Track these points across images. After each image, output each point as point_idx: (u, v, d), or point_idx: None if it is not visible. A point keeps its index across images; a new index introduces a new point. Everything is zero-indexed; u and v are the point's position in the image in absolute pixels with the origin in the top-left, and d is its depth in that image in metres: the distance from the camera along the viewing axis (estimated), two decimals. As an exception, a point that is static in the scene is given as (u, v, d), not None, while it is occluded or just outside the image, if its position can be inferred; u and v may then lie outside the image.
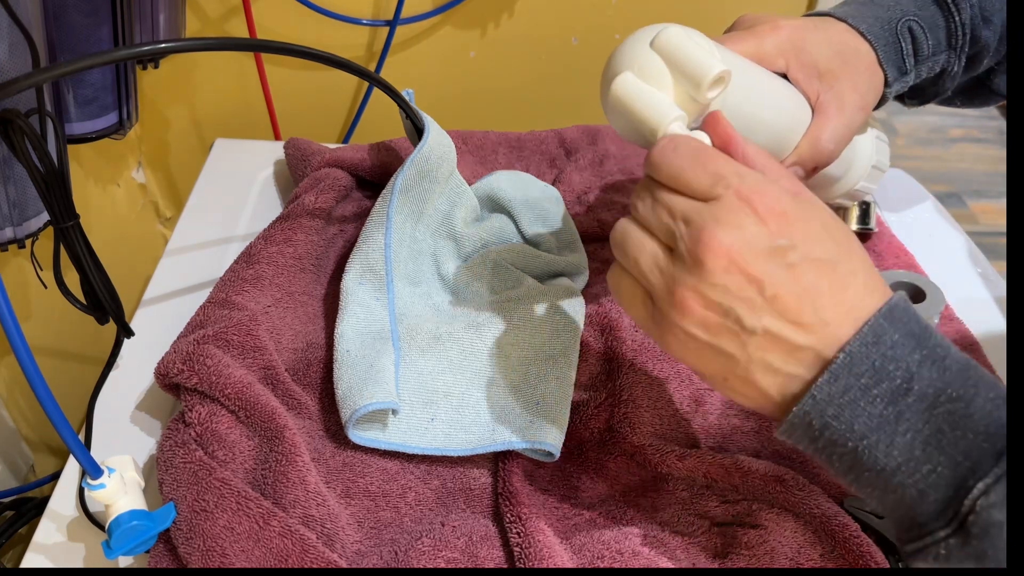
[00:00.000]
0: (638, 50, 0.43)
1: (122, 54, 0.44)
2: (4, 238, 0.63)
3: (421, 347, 0.56)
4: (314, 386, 0.56)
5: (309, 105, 0.97)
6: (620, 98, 0.42)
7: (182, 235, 0.71)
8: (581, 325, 0.60)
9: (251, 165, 0.79)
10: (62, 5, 0.66)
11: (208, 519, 0.45)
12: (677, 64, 0.42)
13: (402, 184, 0.59)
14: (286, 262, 0.61)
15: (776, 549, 0.47)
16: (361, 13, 0.90)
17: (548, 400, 0.53)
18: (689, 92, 0.42)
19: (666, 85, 0.42)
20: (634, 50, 0.43)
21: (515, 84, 1.00)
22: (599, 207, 0.73)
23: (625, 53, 0.43)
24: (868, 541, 0.47)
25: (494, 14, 0.94)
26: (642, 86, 0.42)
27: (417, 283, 0.61)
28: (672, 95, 0.42)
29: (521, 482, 0.50)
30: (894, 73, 0.54)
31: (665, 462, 0.51)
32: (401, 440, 0.52)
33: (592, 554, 0.47)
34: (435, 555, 0.46)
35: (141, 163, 0.97)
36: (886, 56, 0.54)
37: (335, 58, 0.53)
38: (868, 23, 0.54)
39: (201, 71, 0.93)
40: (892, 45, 0.54)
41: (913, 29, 0.55)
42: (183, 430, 0.49)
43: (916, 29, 0.55)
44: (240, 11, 0.87)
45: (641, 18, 0.95)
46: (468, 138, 0.78)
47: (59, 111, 0.72)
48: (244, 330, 0.54)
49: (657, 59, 0.42)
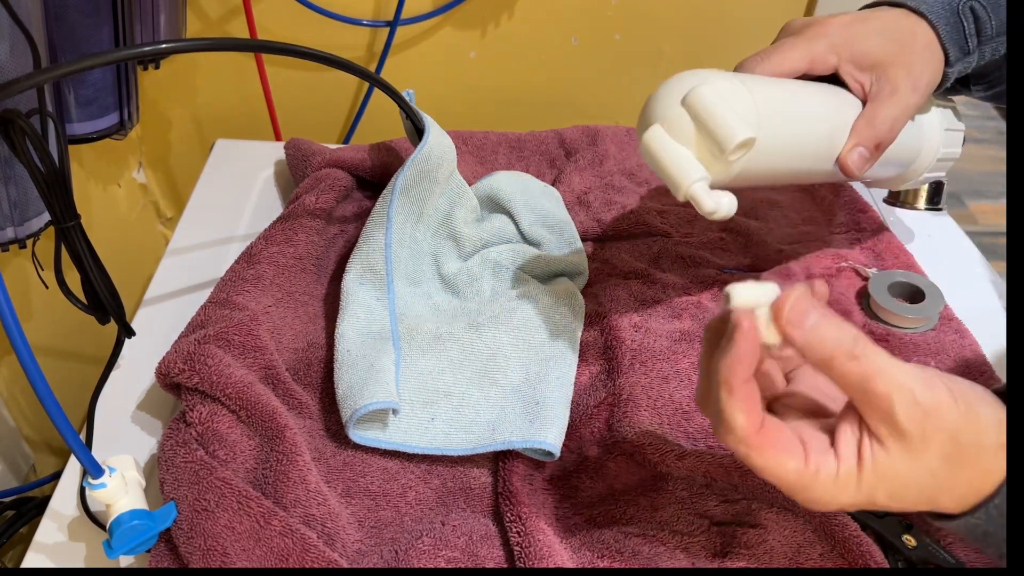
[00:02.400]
0: (668, 105, 0.44)
1: (123, 54, 0.44)
2: (5, 238, 0.63)
3: (421, 347, 0.56)
4: (315, 386, 0.56)
5: (309, 105, 0.97)
6: (648, 150, 0.44)
7: (183, 235, 0.71)
8: (581, 325, 0.60)
9: (252, 165, 0.79)
10: (63, 6, 0.66)
11: (209, 518, 0.45)
12: (704, 125, 0.43)
13: (402, 184, 0.59)
14: (287, 262, 0.61)
15: (776, 549, 0.47)
16: (361, 14, 0.90)
17: (548, 400, 0.53)
18: (713, 153, 0.43)
19: (692, 143, 0.43)
20: (665, 104, 0.44)
21: (515, 84, 1.00)
22: (599, 207, 0.73)
23: (657, 105, 0.44)
24: (868, 541, 0.47)
25: (494, 14, 0.94)
26: (669, 142, 0.43)
27: (417, 283, 0.62)
28: (697, 152, 0.43)
29: (521, 482, 0.51)
30: (956, 53, 0.54)
31: (664, 461, 0.52)
32: (401, 440, 0.52)
33: (592, 554, 0.47)
34: (435, 554, 0.46)
35: (142, 163, 0.97)
36: (947, 35, 0.53)
37: (335, 58, 0.53)
38: (928, 4, 0.53)
39: (202, 72, 0.93)
40: (954, 25, 0.53)
41: (975, 9, 0.54)
42: (184, 430, 0.49)
43: (978, 9, 0.54)
44: (241, 12, 0.87)
45: (641, 18, 0.96)
46: (468, 138, 0.79)
47: (60, 111, 0.72)
48: (245, 330, 0.54)
49: (686, 117, 0.43)
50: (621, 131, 0.83)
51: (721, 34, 0.99)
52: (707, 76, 0.44)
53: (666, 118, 0.44)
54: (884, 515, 0.49)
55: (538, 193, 0.69)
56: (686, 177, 0.42)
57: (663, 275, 0.66)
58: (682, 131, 0.43)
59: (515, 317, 0.58)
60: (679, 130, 0.43)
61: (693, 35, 0.98)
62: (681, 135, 0.43)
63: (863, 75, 0.52)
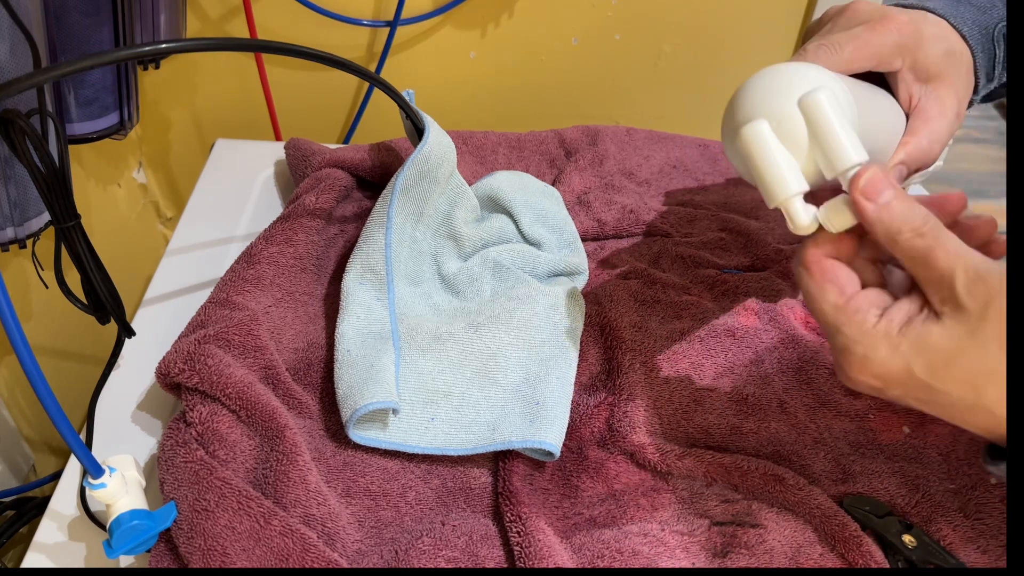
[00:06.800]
0: (783, 103, 0.39)
1: (123, 54, 0.44)
2: (5, 238, 0.63)
3: (421, 347, 0.56)
4: (315, 386, 0.56)
5: (310, 105, 0.97)
6: (748, 147, 0.39)
7: (183, 235, 0.71)
8: (581, 325, 0.60)
9: (252, 165, 0.79)
10: (63, 6, 0.66)
11: (209, 518, 0.45)
12: (819, 137, 0.38)
13: (402, 184, 0.59)
14: (287, 262, 0.61)
15: (776, 549, 0.47)
16: (361, 14, 0.90)
17: (548, 400, 0.53)
18: (820, 165, 0.39)
19: (800, 150, 0.39)
20: (778, 101, 0.39)
21: (515, 84, 1.00)
22: (599, 207, 0.73)
23: (766, 99, 0.40)
24: (868, 541, 0.47)
25: (494, 14, 0.94)
26: (774, 143, 0.39)
27: (417, 283, 0.62)
28: (803, 162, 0.39)
29: (521, 482, 0.51)
30: (983, 80, 0.51)
31: (665, 462, 0.52)
32: (401, 440, 0.52)
33: (592, 554, 0.47)
34: (435, 554, 0.46)
35: (142, 163, 0.97)
36: (980, 62, 0.51)
37: (335, 58, 0.53)
38: (968, 26, 0.50)
39: (202, 71, 0.93)
40: (987, 52, 0.51)
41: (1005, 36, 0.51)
42: (184, 429, 0.49)
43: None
44: (240, 11, 0.87)
45: (641, 18, 0.96)
46: (468, 138, 0.79)
47: (60, 111, 0.72)
48: (245, 330, 0.54)
49: (800, 120, 0.39)
50: (621, 131, 0.83)
51: (721, 34, 0.99)
52: (819, 76, 0.40)
53: (777, 117, 0.39)
54: (884, 515, 0.49)
55: (538, 193, 0.69)
56: (787, 188, 0.39)
57: (663, 275, 0.66)
58: (794, 135, 0.39)
59: (515, 317, 0.58)
60: (789, 133, 0.39)
61: (693, 35, 0.99)
62: (790, 139, 0.39)
63: (916, 86, 0.49)
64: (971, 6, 0.51)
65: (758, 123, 0.39)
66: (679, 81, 1.02)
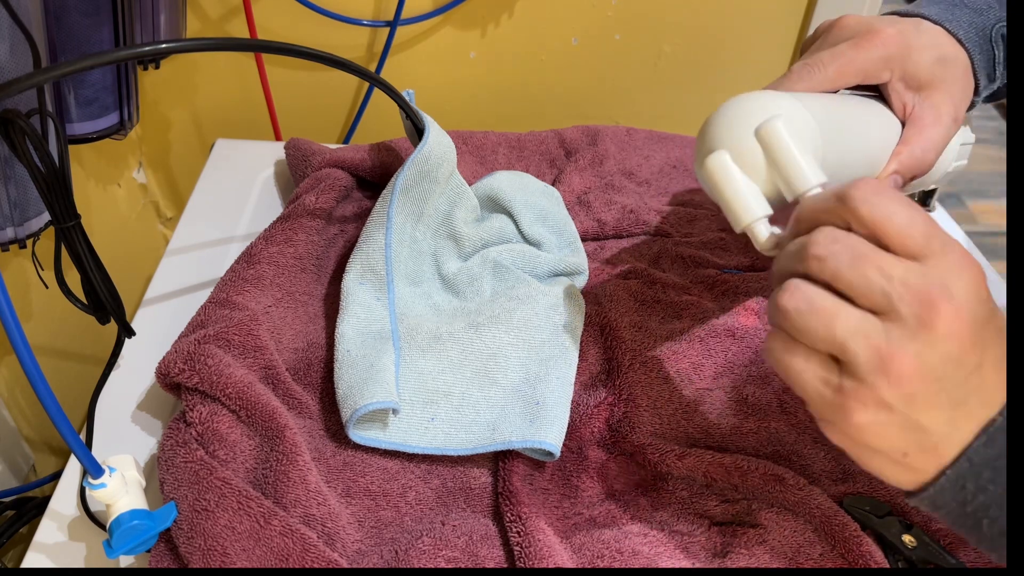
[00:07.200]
0: (739, 134, 0.41)
1: (123, 54, 0.44)
2: (5, 238, 0.63)
3: (421, 347, 0.56)
4: (315, 386, 0.56)
5: (309, 105, 0.97)
6: (711, 176, 0.42)
7: (183, 235, 0.71)
8: (581, 325, 0.60)
9: (252, 165, 0.79)
10: (63, 5, 0.66)
11: (209, 518, 0.45)
12: (778, 163, 0.40)
13: (402, 184, 0.59)
14: (287, 262, 0.61)
15: (776, 549, 0.47)
16: (361, 14, 0.90)
17: (548, 400, 0.53)
18: (780, 187, 0.41)
19: (759, 176, 0.41)
20: (735, 132, 0.41)
21: (515, 84, 1.00)
22: (599, 207, 0.73)
23: (725, 131, 0.42)
24: (868, 541, 0.47)
25: (494, 14, 0.94)
26: (735, 172, 0.41)
27: (417, 283, 0.62)
28: (763, 186, 0.41)
29: (521, 482, 0.51)
30: (984, 81, 0.52)
31: (664, 461, 0.52)
32: (401, 439, 0.52)
33: (592, 554, 0.47)
34: (435, 554, 0.46)
35: (142, 163, 0.97)
36: (979, 64, 0.51)
37: (335, 58, 0.53)
38: (964, 29, 0.51)
39: (202, 71, 0.93)
40: (985, 53, 0.51)
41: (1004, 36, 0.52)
42: (184, 429, 0.49)
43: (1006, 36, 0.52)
44: (240, 11, 0.87)
45: (641, 18, 0.96)
46: (468, 138, 0.79)
47: (60, 111, 0.72)
48: (245, 330, 0.54)
49: (757, 149, 0.41)
50: (621, 131, 0.83)
51: (721, 34, 0.99)
52: (777, 103, 0.42)
53: (735, 147, 0.41)
54: (884, 515, 0.49)
55: (538, 193, 0.69)
56: (750, 214, 0.41)
57: (663, 275, 0.66)
58: (752, 163, 0.41)
59: (515, 317, 0.58)
60: (748, 162, 0.41)
61: (693, 35, 0.98)
62: (749, 167, 0.41)
63: (908, 95, 0.50)
64: (967, 9, 0.52)
65: (720, 154, 0.41)
66: (679, 81, 1.02)
